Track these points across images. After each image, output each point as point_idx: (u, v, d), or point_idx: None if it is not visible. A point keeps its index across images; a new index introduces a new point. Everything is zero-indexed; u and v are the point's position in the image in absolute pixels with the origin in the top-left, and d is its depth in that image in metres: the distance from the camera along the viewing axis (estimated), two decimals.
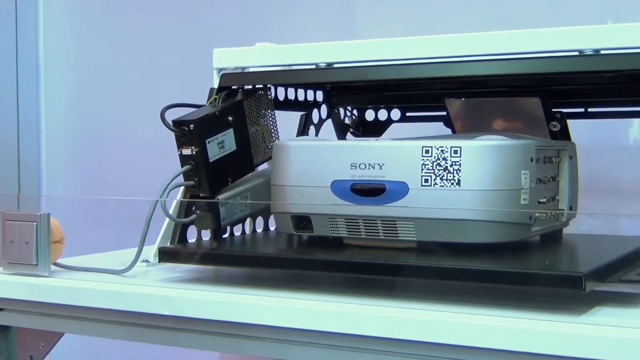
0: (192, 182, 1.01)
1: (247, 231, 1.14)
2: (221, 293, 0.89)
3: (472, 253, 0.88)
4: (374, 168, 0.91)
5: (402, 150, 0.90)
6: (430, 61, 0.98)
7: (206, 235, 1.06)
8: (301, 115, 1.22)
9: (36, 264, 0.99)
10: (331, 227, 0.95)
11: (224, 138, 1.03)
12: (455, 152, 0.87)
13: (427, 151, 0.88)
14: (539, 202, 0.93)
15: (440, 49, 0.98)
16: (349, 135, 1.29)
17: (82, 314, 0.97)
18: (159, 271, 1.02)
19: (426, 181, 0.88)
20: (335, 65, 1.06)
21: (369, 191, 0.91)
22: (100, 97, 1.83)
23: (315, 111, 1.23)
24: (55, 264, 1.03)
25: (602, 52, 0.90)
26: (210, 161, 1.01)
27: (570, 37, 0.91)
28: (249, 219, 1.12)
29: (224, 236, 1.07)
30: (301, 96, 1.21)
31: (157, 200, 0.98)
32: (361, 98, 1.28)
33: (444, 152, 0.87)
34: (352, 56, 1.04)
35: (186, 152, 1.00)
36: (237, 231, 1.11)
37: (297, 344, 0.85)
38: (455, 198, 0.87)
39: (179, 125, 1.00)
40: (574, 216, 1.03)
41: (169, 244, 1.02)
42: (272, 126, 1.12)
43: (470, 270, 0.82)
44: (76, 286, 0.96)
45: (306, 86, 1.20)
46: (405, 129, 1.26)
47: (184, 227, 1.03)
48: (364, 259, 0.89)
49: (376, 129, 1.29)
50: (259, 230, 1.16)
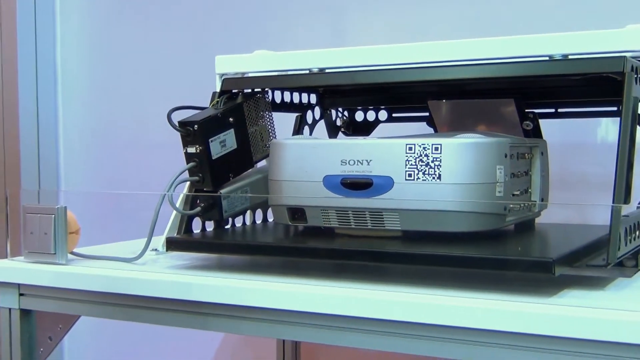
0: (196, 178, 1.01)
1: (248, 222, 1.14)
2: (224, 278, 0.89)
3: (452, 241, 0.89)
4: (362, 164, 0.91)
5: (387, 148, 0.90)
6: (414, 66, 0.98)
7: (210, 226, 1.06)
8: (296, 117, 1.22)
9: (54, 253, 0.99)
10: (323, 218, 0.95)
11: (226, 137, 1.03)
12: (436, 149, 0.87)
13: (410, 148, 0.88)
14: (513, 194, 0.93)
15: (423, 55, 0.98)
16: (340, 135, 1.29)
17: (97, 298, 0.97)
18: (166, 259, 1.03)
19: (410, 176, 0.88)
20: (327, 70, 1.06)
21: (358, 185, 0.91)
22: (113, 100, 1.83)
23: (309, 112, 1.23)
24: (72, 252, 1.04)
25: (570, 57, 0.90)
26: (213, 158, 1.01)
27: (540, 43, 0.91)
28: (249, 211, 1.12)
29: (226, 227, 1.07)
30: (296, 99, 1.21)
31: (165, 194, 0.98)
32: (351, 100, 1.27)
33: (426, 149, 0.87)
34: (342, 62, 1.04)
35: (191, 150, 1.00)
36: (238, 222, 1.11)
37: (294, 324, 0.85)
38: (436, 191, 0.87)
39: (184, 126, 1.00)
40: (545, 207, 1.04)
41: (175, 235, 1.02)
42: (269, 126, 1.12)
43: (450, 256, 0.82)
44: (91, 273, 0.96)
45: (301, 90, 1.20)
46: (391, 128, 1.26)
47: (190, 219, 1.03)
48: (354, 247, 0.89)
49: (365, 129, 1.29)
50: (258, 221, 1.16)
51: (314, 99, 1.24)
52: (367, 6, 1.52)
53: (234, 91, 1.08)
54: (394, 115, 1.28)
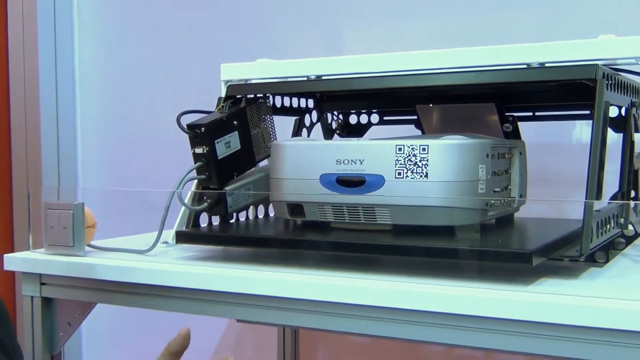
0: (203, 176, 1.01)
1: (251, 217, 1.14)
2: (229, 269, 0.89)
3: (438, 234, 0.89)
4: (355, 163, 0.91)
5: (379, 148, 0.90)
6: (403, 73, 0.98)
7: (216, 221, 1.06)
8: (295, 120, 1.22)
9: (73, 246, 0.99)
10: (320, 213, 0.95)
11: (230, 139, 1.03)
12: (424, 149, 0.87)
13: (400, 149, 0.88)
14: (494, 191, 0.93)
15: (412, 63, 0.98)
16: (335, 136, 1.29)
17: (112, 287, 0.97)
18: (176, 251, 1.02)
19: (399, 174, 0.88)
20: (323, 77, 1.06)
21: (352, 183, 0.91)
22: (127, 104, 1.83)
23: (307, 116, 1.23)
24: (89, 245, 1.04)
25: (547, 65, 0.90)
26: (219, 158, 1.01)
27: (519, 52, 0.91)
28: (252, 207, 1.12)
29: (230, 221, 1.07)
30: (295, 103, 1.21)
31: (174, 192, 0.98)
32: (345, 104, 1.28)
33: (414, 149, 0.87)
34: (337, 69, 1.04)
35: (198, 150, 1.00)
36: (242, 217, 1.11)
37: (293, 310, 0.85)
38: (423, 188, 0.87)
39: (192, 128, 1.00)
40: (523, 203, 1.04)
41: (184, 228, 1.02)
42: (270, 129, 1.12)
43: (437, 248, 0.83)
44: (107, 264, 0.96)
45: (299, 95, 1.20)
46: (382, 130, 1.26)
47: (197, 214, 1.03)
48: (348, 239, 0.89)
49: (358, 131, 1.29)
50: (261, 216, 1.16)
51: (311, 103, 1.24)
52: (360, 19, 1.52)
53: (237, 96, 1.08)
54: (384, 118, 1.28)
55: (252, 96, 1.10)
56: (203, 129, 0.99)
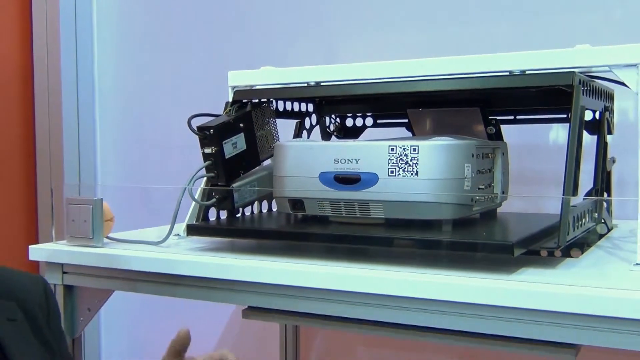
0: (212, 174, 1.01)
1: (255, 211, 1.14)
2: (235, 259, 0.89)
3: (428, 227, 0.89)
4: (351, 162, 0.91)
5: (373, 149, 0.89)
6: (395, 80, 0.98)
7: (223, 215, 1.06)
8: (296, 122, 1.21)
9: (92, 238, 0.99)
10: (319, 208, 0.95)
11: (237, 140, 1.03)
12: (414, 150, 0.87)
13: (392, 149, 0.88)
14: (479, 188, 0.93)
15: (403, 71, 0.98)
16: (333, 138, 1.29)
17: (128, 276, 0.97)
18: (187, 242, 1.02)
19: (392, 172, 0.88)
20: (322, 84, 1.06)
21: (348, 180, 0.91)
22: (143, 107, 1.82)
23: (307, 119, 1.23)
24: (107, 237, 1.03)
25: (527, 72, 0.90)
26: (226, 158, 1.01)
27: (502, 60, 0.91)
28: (256, 202, 1.12)
29: (237, 215, 1.07)
30: (296, 107, 1.21)
31: (186, 188, 0.98)
32: (342, 108, 1.27)
33: (406, 150, 0.87)
34: (335, 76, 1.03)
35: (207, 150, 1.00)
36: (248, 212, 1.11)
37: (294, 297, 0.85)
38: (414, 185, 0.87)
39: (202, 130, 0.99)
40: (505, 199, 1.04)
41: (195, 222, 1.02)
42: (273, 131, 1.12)
43: (426, 240, 0.83)
44: (123, 254, 0.95)
45: (300, 100, 1.20)
46: (376, 132, 1.26)
47: (206, 209, 1.03)
48: (344, 232, 0.89)
49: (354, 133, 1.29)
50: (264, 211, 1.16)
51: (311, 107, 1.24)
52: (356, 30, 1.52)
53: (244, 101, 1.08)
54: (378, 121, 1.28)
55: (257, 101, 1.09)
56: (212, 130, 0.99)
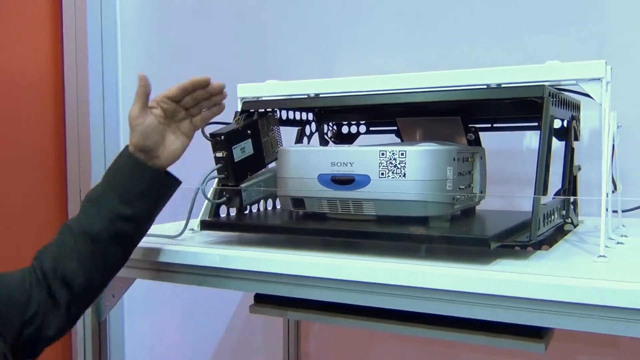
0: (223, 175, 1.01)
1: (261, 209, 1.14)
2: (244, 251, 0.89)
3: (414, 223, 0.89)
4: (346, 165, 0.91)
5: (365, 153, 0.90)
6: (386, 92, 0.98)
7: (232, 212, 1.06)
8: (298, 130, 1.21)
9: None
10: (318, 206, 0.95)
11: (245, 145, 1.03)
12: (402, 154, 0.87)
13: (382, 154, 0.88)
14: (459, 188, 0.93)
15: (393, 84, 0.98)
16: (330, 143, 1.29)
17: (147, 266, 0.97)
18: (200, 236, 1.02)
19: (382, 174, 0.88)
20: (320, 95, 1.06)
21: (343, 181, 0.91)
22: None
23: (307, 126, 1.23)
24: None
25: (503, 85, 0.90)
26: (235, 161, 1.01)
27: (480, 75, 0.91)
28: (262, 201, 1.12)
29: (245, 212, 1.07)
30: (298, 116, 1.21)
31: (199, 188, 0.98)
32: (339, 117, 1.27)
33: (394, 154, 0.87)
34: (332, 89, 1.04)
35: (219, 154, 1.00)
36: (255, 209, 1.11)
37: (296, 285, 0.85)
38: (402, 185, 0.87)
39: (213, 137, 1.00)
40: (483, 197, 1.04)
41: (207, 218, 1.02)
42: (277, 137, 1.12)
43: (412, 235, 0.83)
44: (143, 246, 0.95)
45: (301, 109, 1.20)
46: (369, 139, 1.26)
47: (218, 206, 1.03)
48: (340, 227, 0.90)
49: (349, 139, 1.29)
50: (270, 208, 1.16)
51: (311, 116, 1.24)
52: (351, 48, 1.52)
53: (251, 110, 1.08)
54: (371, 128, 1.28)
55: (263, 110, 1.09)
56: (223, 137, 0.99)
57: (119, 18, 1.87)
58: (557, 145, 1.00)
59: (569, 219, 1.01)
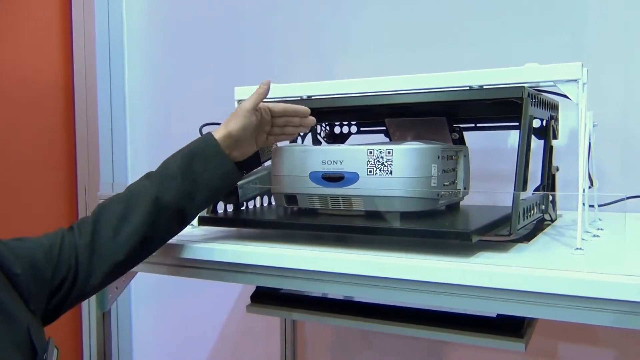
0: None
1: (258, 205, 1.12)
2: (240, 245, 0.88)
3: (400, 218, 0.87)
4: (336, 163, 0.89)
5: (354, 152, 0.88)
6: (375, 94, 0.97)
7: (229, 208, 1.04)
8: None
9: None
10: (309, 202, 0.93)
11: None
12: (389, 152, 0.86)
13: (370, 152, 0.87)
14: (444, 184, 0.92)
15: (382, 86, 0.97)
16: (323, 143, 1.28)
17: (148, 259, 0.94)
18: (199, 232, 1.01)
19: (370, 172, 0.87)
20: (313, 97, 1.05)
21: (334, 179, 0.90)
22: (166, 117, 1.81)
23: None
24: None
25: (485, 87, 0.89)
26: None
27: (463, 77, 0.90)
28: (258, 197, 1.11)
29: (242, 208, 1.06)
30: None
31: None
32: (331, 118, 1.26)
33: (382, 153, 0.86)
34: (324, 91, 1.03)
35: None
36: (251, 205, 1.09)
37: (288, 277, 0.84)
38: (389, 182, 0.86)
39: None
40: (467, 193, 1.03)
41: (206, 214, 1.01)
42: None
43: (399, 229, 0.81)
44: None
45: None
46: (360, 138, 1.25)
47: (215, 203, 1.01)
48: (331, 222, 0.88)
49: (341, 138, 1.28)
50: (265, 204, 1.15)
51: None
52: (343, 53, 1.51)
53: None
54: (361, 128, 1.27)
55: None
56: None
57: (125, 25, 1.85)
58: (539, 144, 0.99)
59: (547, 214, 0.99)
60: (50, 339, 0.72)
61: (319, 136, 1.26)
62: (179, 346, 1.85)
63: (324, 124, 1.27)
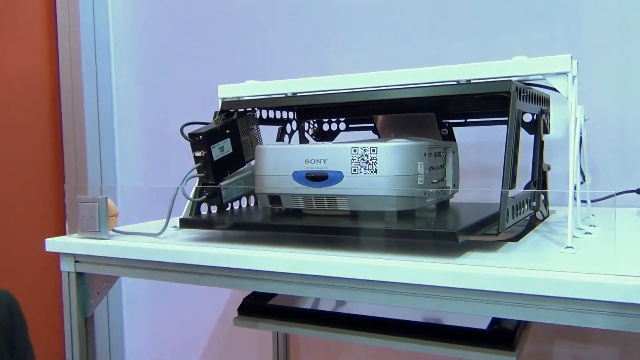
0: (202, 174, 0.97)
1: (244, 205, 1.10)
2: (223, 248, 0.86)
3: (386, 218, 0.85)
4: (320, 162, 0.87)
5: (338, 150, 0.86)
6: (362, 90, 0.94)
7: (213, 210, 1.02)
8: (278, 128, 1.18)
9: (99, 231, 0.96)
10: (293, 202, 0.91)
11: (224, 144, 0.99)
12: (373, 150, 0.83)
13: (354, 150, 0.84)
14: (432, 182, 0.90)
15: (368, 82, 0.94)
16: (311, 140, 1.25)
17: (131, 264, 0.93)
18: (183, 234, 0.99)
19: (355, 170, 0.84)
20: (298, 94, 1.02)
21: (317, 178, 0.87)
22: (155, 119, 1.79)
23: (288, 125, 1.19)
24: (112, 230, 1.00)
25: (472, 81, 0.86)
26: (215, 160, 0.97)
27: (450, 72, 0.87)
28: (245, 198, 1.08)
29: (227, 210, 1.03)
30: (278, 115, 1.17)
31: (179, 187, 0.94)
32: (319, 115, 1.24)
33: (366, 150, 0.84)
34: (308, 88, 1.00)
35: (198, 154, 0.96)
36: (236, 205, 1.07)
37: (273, 281, 0.82)
38: (374, 181, 0.83)
39: (192, 137, 0.96)
40: (456, 191, 1.00)
41: (188, 216, 0.99)
42: (257, 135, 1.08)
43: (383, 229, 0.79)
44: (126, 245, 0.92)
45: (281, 108, 1.16)
46: (348, 135, 1.22)
47: (198, 204, 0.99)
48: (315, 223, 0.85)
49: (329, 136, 1.26)
50: (252, 205, 1.13)
51: (291, 115, 1.20)
52: (328, 49, 1.48)
53: (231, 110, 1.04)
54: (350, 125, 1.24)
55: (243, 110, 1.06)
56: (201, 136, 0.95)
57: (111, 24, 1.83)
58: (531, 139, 0.96)
59: (538, 211, 0.97)
60: None
61: (306, 134, 1.24)
62: (172, 350, 1.83)
63: (311, 122, 1.25)
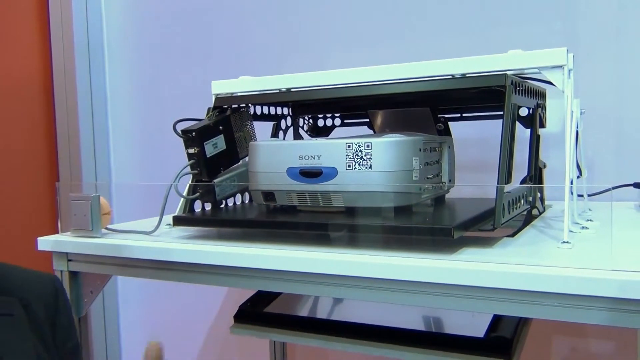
0: (196, 171, 0.96)
1: (238, 202, 1.09)
2: (217, 245, 0.85)
3: (381, 214, 0.84)
4: (314, 158, 0.86)
5: (332, 146, 0.85)
6: (357, 85, 0.94)
7: (207, 207, 1.02)
8: (273, 124, 1.17)
9: (92, 229, 0.95)
10: (288, 199, 0.90)
11: (217, 141, 0.99)
12: (368, 146, 0.83)
13: (349, 146, 0.84)
14: (427, 178, 0.89)
15: (362, 77, 0.93)
16: (306, 136, 1.24)
17: (124, 262, 0.93)
18: (176, 231, 0.98)
19: (349, 166, 0.84)
20: (292, 90, 1.01)
21: (311, 174, 0.87)
22: (149, 116, 1.78)
23: (282, 121, 1.18)
24: (105, 228, 0.99)
25: (467, 75, 0.85)
26: (208, 157, 0.97)
27: (445, 66, 0.87)
28: (239, 194, 1.08)
29: (221, 207, 1.03)
30: (273, 111, 1.16)
31: (172, 184, 0.93)
32: (313, 110, 1.23)
33: (360, 146, 0.83)
34: (302, 83, 0.99)
35: (191, 151, 0.96)
36: (230, 202, 1.06)
37: (268, 279, 0.81)
38: (368, 177, 0.83)
39: (185, 133, 0.95)
40: (452, 186, 1.00)
41: (182, 214, 0.98)
42: (251, 132, 1.07)
43: (379, 225, 0.78)
44: (119, 243, 0.91)
45: (275, 104, 1.16)
46: (343, 131, 1.21)
47: (192, 202, 0.99)
48: (310, 220, 0.85)
49: (324, 131, 1.25)
50: (247, 201, 1.12)
51: (286, 110, 1.20)
52: (323, 45, 1.48)
53: (224, 106, 1.03)
54: (345, 121, 1.24)
55: (236, 106, 1.05)
56: (194, 133, 0.95)
57: (104, 22, 1.82)
58: (527, 133, 0.96)
59: (534, 206, 0.96)
60: None
61: (301, 129, 1.23)
62: (169, 350, 1.83)
63: (306, 117, 1.24)
